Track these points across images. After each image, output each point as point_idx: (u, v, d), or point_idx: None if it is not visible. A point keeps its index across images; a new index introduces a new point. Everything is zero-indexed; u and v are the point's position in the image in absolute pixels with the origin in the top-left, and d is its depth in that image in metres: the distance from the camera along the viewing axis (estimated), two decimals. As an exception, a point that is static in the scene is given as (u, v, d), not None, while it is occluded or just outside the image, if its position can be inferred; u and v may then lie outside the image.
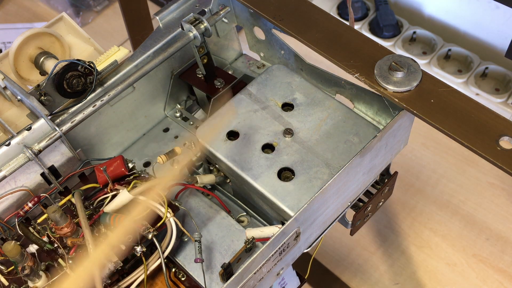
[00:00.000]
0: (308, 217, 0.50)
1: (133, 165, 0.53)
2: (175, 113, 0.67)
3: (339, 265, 0.95)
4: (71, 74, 0.54)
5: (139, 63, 0.59)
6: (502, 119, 0.49)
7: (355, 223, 0.62)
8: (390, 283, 0.92)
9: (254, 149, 0.54)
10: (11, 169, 0.51)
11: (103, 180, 0.52)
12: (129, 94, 0.62)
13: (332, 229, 0.56)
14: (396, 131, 0.55)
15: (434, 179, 1.02)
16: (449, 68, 1.11)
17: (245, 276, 0.46)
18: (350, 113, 0.56)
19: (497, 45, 1.09)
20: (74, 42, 0.63)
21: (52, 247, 0.50)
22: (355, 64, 0.54)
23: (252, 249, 0.50)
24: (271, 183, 0.52)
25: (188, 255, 0.52)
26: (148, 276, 0.49)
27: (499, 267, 0.92)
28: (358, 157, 0.51)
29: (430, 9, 1.15)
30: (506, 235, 0.95)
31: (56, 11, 1.35)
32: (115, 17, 1.33)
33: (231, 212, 0.58)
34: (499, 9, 1.04)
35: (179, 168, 0.55)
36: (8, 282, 0.49)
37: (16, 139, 0.51)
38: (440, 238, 0.95)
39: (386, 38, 1.15)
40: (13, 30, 1.32)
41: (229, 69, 0.69)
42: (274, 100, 0.57)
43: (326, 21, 0.58)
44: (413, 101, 0.51)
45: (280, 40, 0.63)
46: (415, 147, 1.05)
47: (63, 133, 0.53)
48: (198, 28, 0.58)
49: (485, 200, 0.99)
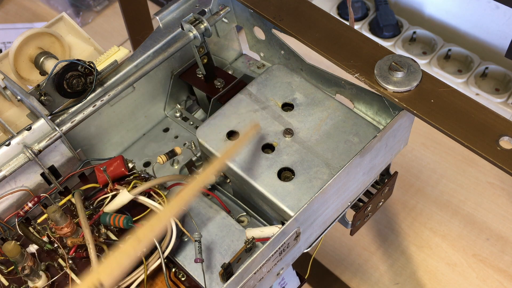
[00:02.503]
0: (308, 217, 0.50)
1: (133, 165, 0.53)
2: (175, 113, 0.67)
3: (339, 265, 0.95)
4: (71, 74, 0.54)
5: (139, 63, 0.59)
6: (502, 119, 0.49)
7: (355, 223, 0.62)
8: (390, 283, 0.92)
9: (254, 149, 0.54)
10: (11, 169, 0.51)
11: (103, 180, 0.52)
12: (129, 94, 0.62)
13: (332, 229, 0.56)
14: (396, 131, 0.55)
15: (434, 179, 1.02)
16: (449, 68, 1.11)
17: (245, 276, 0.46)
18: (350, 113, 0.56)
19: (497, 45, 1.09)
20: (74, 42, 0.63)
21: (52, 247, 0.50)
22: (355, 64, 0.54)
23: (252, 249, 0.50)
24: (271, 183, 0.52)
25: (188, 255, 0.52)
26: (148, 276, 0.49)
27: (499, 267, 0.92)
28: (358, 157, 0.51)
29: (430, 9, 1.15)
30: (506, 235, 0.95)
31: (56, 11, 1.35)
32: (115, 17, 1.33)
33: (231, 212, 0.58)
34: (499, 9, 1.04)
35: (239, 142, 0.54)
36: (8, 282, 0.49)
37: (16, 139, 0.51)
38: (440, 238, 0.95)
39: (386, 38, 1.15)
40: (13, 30, 1.32)
41: (229, 69, 0.69)
42: (274, 100, 0.57)
43: (326, 21, 0.58)
44: (413, 101, 0.51)
45: (280, 40, 0.63)
46: (415, 147, 1.05)
47: (63, 133, 0.53)
48: (198, 28, 0.58)
49: (485, 200, 0.99)
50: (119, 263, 0.41)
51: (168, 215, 0.47)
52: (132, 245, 0.42)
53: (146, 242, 0.44)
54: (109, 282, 0.39)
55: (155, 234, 0.46)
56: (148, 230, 0.44)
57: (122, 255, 0.41)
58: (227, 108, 0.57)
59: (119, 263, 0.41)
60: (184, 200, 0.46)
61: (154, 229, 0.45)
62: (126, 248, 0.42)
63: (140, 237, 0.43)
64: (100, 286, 0.39)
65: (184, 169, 0.62)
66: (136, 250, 0.43)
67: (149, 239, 0.44)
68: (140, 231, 0.43)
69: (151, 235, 0.45)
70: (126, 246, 0.42)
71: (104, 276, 0.39)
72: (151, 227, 0.44)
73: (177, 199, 0.46)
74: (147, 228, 0.44)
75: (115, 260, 0.41)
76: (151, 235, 0.45)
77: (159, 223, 0.45)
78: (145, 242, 0.44)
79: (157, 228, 0.45)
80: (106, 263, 0.41)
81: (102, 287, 0.39)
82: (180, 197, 0.46)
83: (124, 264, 0.41)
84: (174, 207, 0.47)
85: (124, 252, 0.42)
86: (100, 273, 0.39)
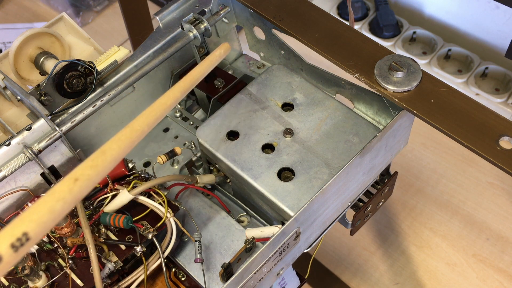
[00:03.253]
0: (308, 217, 0.50)
1: (133, 165, 0.53)
2: (175, 113, 0.67)
3: (339, 265, 0.95)
4: (71, 74, 0.54)
5: (139, 63, 0.59)
6: (502, 119, 0.49)
7: (355, 223, 0.62)
8: (390, 283, 0.92)
9: (254, 149, 0.54)
10: (11, 169, 0.51)
11: (103, 180, 0.52)
12: (129, 94, 0.62)
13: (332, 229, 0.56)
14: (396, 131, 0.55)
15: (434, 179, 1.02)
16: (449, 68, 1.11)
17: (245, 276, 0.46)
18: (350, 113, 0.56)
19: (497, 45, 1.09)
20: (74, 42, 0.63)
21: (52, 247, 0.50)
22: (355, 64, 0.54)
23: (252, 249, 0.50)
24: (271, 183, 0.52)
25: (188, 255, 0.52)
26: (148, 276, 0.49)
27: (499, 267, 0.92)
28: (358, 157, 0.51)
29: (430, 9, 1.15)
30: (506, 235, 0.95)
31: (56, 11, 1.35)
32: (115, 17, 1.33)
33: (231, 212, 0.58)
34: (499, 9, 1.04)
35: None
36: (8, 282, 0.49)
37: (16, 139, 0.51)
38: (440, 238, 0.95)
39: (386, 38, 1.15)
40: (13, 30, 1.32)
41: (229, 69, 0.69)
42: (274, 100, 0.57)
43: (326, 21, 0.58)
44: (413, 101, 0.51)
45: (280, 40, 0.63)
46: (415, 147, 1.05)
47: (63, 133, 0.53)
48: (198, 28, 0.58)
49: (485, 200, 0.99)
50: (52, 209, 0.30)
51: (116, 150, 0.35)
52: (67, 185, 0.32)
53: (86, 182, 0.33)
54: (37, 232, 0.29)
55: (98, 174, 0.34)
56: (89, 168, 0.33)
57: (55, 198, 0.31)
58: (227, 108, 0.57)
59: (51, 209, 0.30)
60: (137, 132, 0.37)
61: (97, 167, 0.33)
62: (59, 189, 0.31)
63: (77, 176, 0.32)
64: (25, 239, 0.29)
65: (184, 169, 0.62)
66: (73, 192, 0.32)
67: (90, 179, 0.33)
68: (79, 167, 0.33)
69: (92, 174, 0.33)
70: (59, 187, 0.32)
71: (30, 225, 0.29)
72: (93, 164, 0.33)
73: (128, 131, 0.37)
74: (88, 165, 0.33)
75: (46, 204, 0.30)
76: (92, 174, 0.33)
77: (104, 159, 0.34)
78: (85, 183, 0.33)
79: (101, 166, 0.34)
80: (33, 209, 0.30)
81: (27, 240, 0.29)
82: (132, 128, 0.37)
83: (58, 211, 0.31)
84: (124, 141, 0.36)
85: (56, 193, 0.31)
86: (24, 221, 0.29)
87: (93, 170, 0.33)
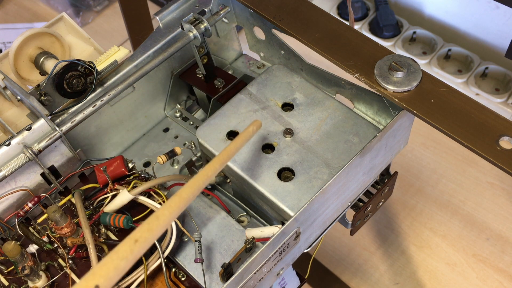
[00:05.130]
0: (308, 217, 0.50)
1: (133, 165, 0.53)
2: (175, 113, 0.67)
3: (339, 265, 0.95)
4: (71, 74, 0.54)
5: (139, 63, 0.59)
6: (502, 119, 0.49)
7: (355, 223, 0.62)
8: (390, 283, 0.92)
9: (254, 149, 0.54)
10: (11, 169, 0.51)
11: (103, 180, 0.52)
12: (129, 94, 0.62)
13: (332, 229, 0.56)
14: (396, 131, 0.55)
15: (434, 179, 1.02)
16: (449, 68, 1.11)
17: (245, 276, 0.46)
18: (350, 113, 0.56)
19: (497, 45, 1.09)
20: (74, 42, 0.63)
21: (52, 247, 0.50)
22: (355, 64, 0.54)
23: (252, 249, 0.50)
24: (271, 183, 0.52)
25: (188, 255, 0.52)
26: (148, 276, 0.49)
27: (499, 267, 0.92)
28: (358, 157, 0.51)
29: (430, 9, 1.15)
30: (506, 235, 0.95)
31: (56, 11, 1.35)
32: (115, 17, 1.33)
33: (231, 212, 0.58)
34: (499, 9, 1.04)
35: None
36: (8, 282, 0.49)
37: (16, 139, 0.51)
38: (440, 238, 0.95)
39: (386, 38, 1.15)
40: (13, 30, 1.32)
41: (229, 69, 0.69)
42: (274, 100, 0.58)
43: (326, 21, 0.58)
44: (413, 101, 0.51)
45: (280, 40, 0.63)
46: (415, 147, 1.05)
47: (63, 133, 0.53)
48: (198, 28, 0.58)
49: (485, 200, 0.99)
50: (117, 267, 0.38)
51: (167, 215, 0.44)
52: (129, 246, 0.39)
53: (144, 243, 0.41)
54: (105, 286, 0.37)
55: (154, 236, 0.43)
56: (146, 231, 0.41)
57: (119, 257, 0.38)
58: (227, 108, 0.57)
59: (117, 267, 0.38)
60: (184, 200, 0.44)
61: (152, 230, 0.42)
62: (122, 249, 0.39)
63: (136, 237, 0.40)
64: None
65: (184, 169, 0.62)
66: (134, 252, 0.39)
67: (147, 241, 0.41)
68: (138, 229, 0.41)
69: (149, 237, 0.41)
70: (122, 247, 0.39)
71: (100, 280, 0.36)
72: (149, 228, 0.42)
73: (177, 199, 0.44)
74: (145, 228, 0.41)
75: (112, 263, 0.38)
76: (149, 237, 0.41)
77: (158, 224, 0.43)
78: (143, 244, 0.41)
79: (155, 229, 0.42)
80: (102, 266, 0.38)
81: None
82: (180, 196, 0.44)
83: (122, 267, 0.38)
84: (174, 208, 0.44)
85: (120, 253, 0.39)
86: (96, 276, 0.37)
87: (149, 233, 0.40)
